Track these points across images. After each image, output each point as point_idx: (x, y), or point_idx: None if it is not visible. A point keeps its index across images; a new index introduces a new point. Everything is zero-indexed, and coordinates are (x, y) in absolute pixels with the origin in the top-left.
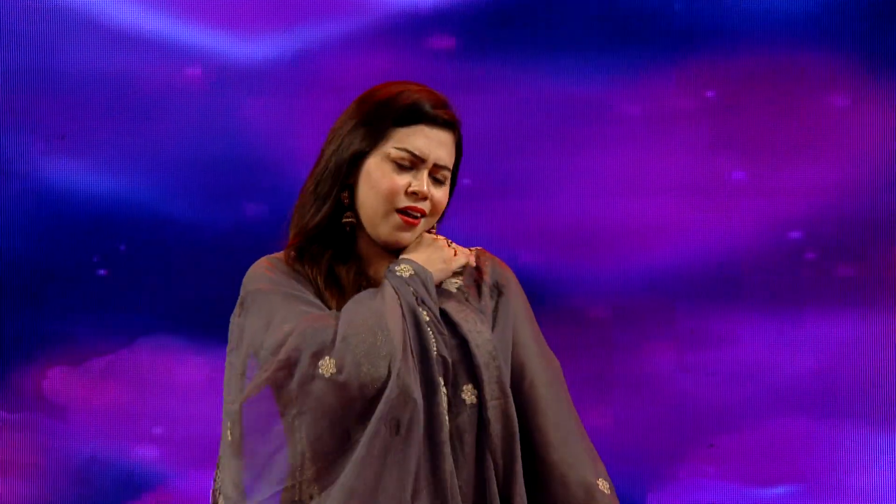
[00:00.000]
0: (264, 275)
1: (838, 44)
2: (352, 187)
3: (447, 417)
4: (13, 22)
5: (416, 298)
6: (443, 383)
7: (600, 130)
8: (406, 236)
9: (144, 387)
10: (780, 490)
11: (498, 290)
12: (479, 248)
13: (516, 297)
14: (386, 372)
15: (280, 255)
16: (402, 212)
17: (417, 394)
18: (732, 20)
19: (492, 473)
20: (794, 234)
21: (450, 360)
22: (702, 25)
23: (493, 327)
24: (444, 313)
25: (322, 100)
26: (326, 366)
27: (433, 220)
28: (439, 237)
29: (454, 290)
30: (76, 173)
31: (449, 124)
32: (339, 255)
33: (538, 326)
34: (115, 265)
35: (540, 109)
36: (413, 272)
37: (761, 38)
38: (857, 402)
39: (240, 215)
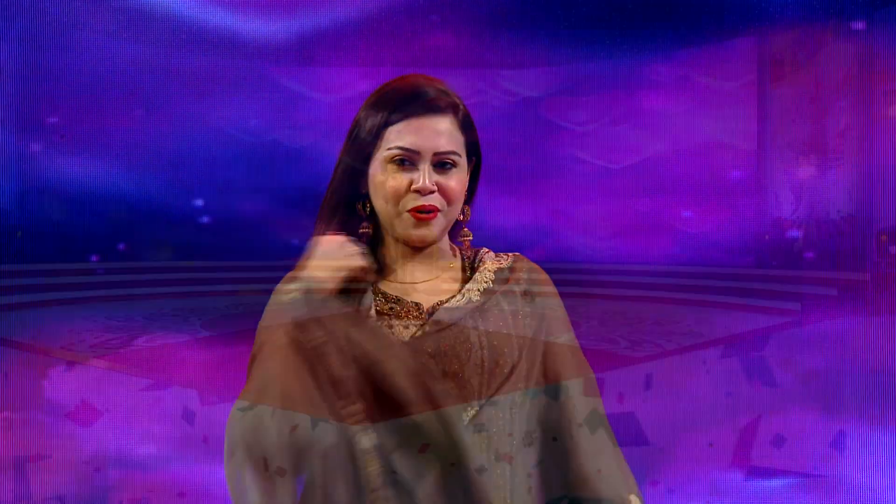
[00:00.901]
0: (276, 324)
1: (840, 45)
2: (366, 196)
3: (359, 442)
4: (11, 18)
5: (299, 324)
6: (346, 405)
7: (600, 128)
8: (424, 232)
9: (145, 386)
10: (778, 483)
11: (531, 296)
12: (516, 253)
13: (551, 304)
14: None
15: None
16: (413, 211)
17: (320, 434)
18: (735, 19)
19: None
20: (794, 234)
21: (349, 379)
22: (705, 23)
23: (527, 331)
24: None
25: (326, 99)
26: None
27: (455, 208)
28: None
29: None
30: (76, 173)
31: (441, 109)
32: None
33: (574, 335)
34: (116, 265)
35: (536, 105)
36: (295, 293)
37: (763, 38)
38: (856, 399)
39: (241, 215)
